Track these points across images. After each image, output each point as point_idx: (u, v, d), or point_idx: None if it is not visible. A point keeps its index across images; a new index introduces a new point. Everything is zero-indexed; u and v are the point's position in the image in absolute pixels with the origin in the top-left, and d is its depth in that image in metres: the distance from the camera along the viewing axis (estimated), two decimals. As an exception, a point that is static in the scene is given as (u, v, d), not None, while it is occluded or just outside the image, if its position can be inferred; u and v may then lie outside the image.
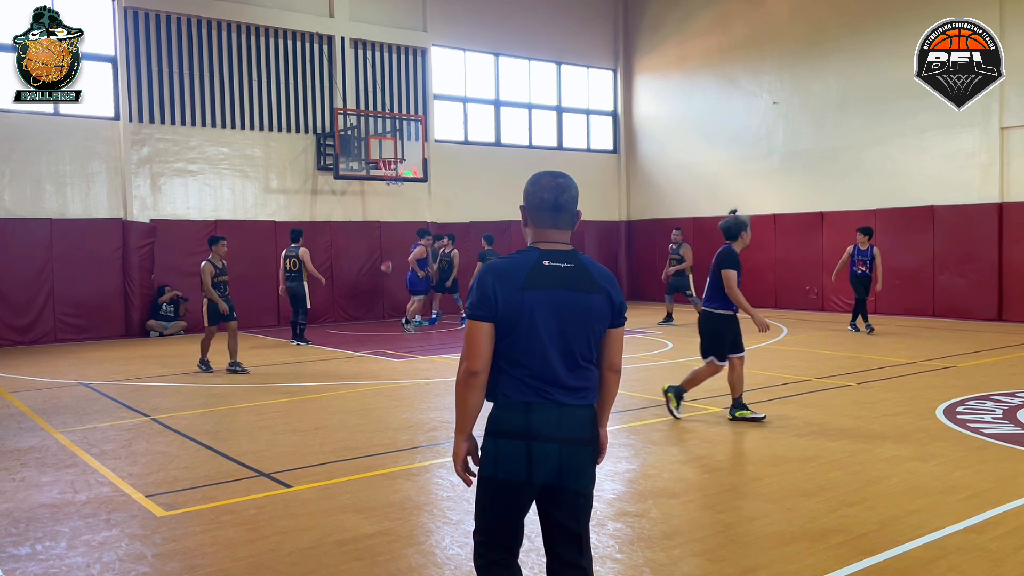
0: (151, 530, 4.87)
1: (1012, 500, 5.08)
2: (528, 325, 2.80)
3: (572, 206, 2.95)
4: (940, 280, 16.77)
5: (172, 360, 12.52)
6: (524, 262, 2.85)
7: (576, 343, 2.84)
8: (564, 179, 2.97)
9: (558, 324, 2.81)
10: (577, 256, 2.90)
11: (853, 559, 4.19)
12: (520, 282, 2.80)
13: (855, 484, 5.52)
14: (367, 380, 10.34)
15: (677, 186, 21.96)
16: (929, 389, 8.92)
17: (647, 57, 22.63)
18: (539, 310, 2.79)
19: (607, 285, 2.89)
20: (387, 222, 19.04)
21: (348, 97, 18.50)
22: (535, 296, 2.79)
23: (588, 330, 2.86)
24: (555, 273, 2.83)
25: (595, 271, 2.90)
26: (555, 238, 2.91)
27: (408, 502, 5.32)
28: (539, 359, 2.82)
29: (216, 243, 11.15)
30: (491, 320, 2.82)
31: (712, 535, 4.59)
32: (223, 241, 11.27)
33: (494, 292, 2.80)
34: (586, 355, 2.88)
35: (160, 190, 16.52)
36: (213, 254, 11.06)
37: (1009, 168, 15.87)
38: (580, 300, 2.83)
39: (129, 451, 6.84)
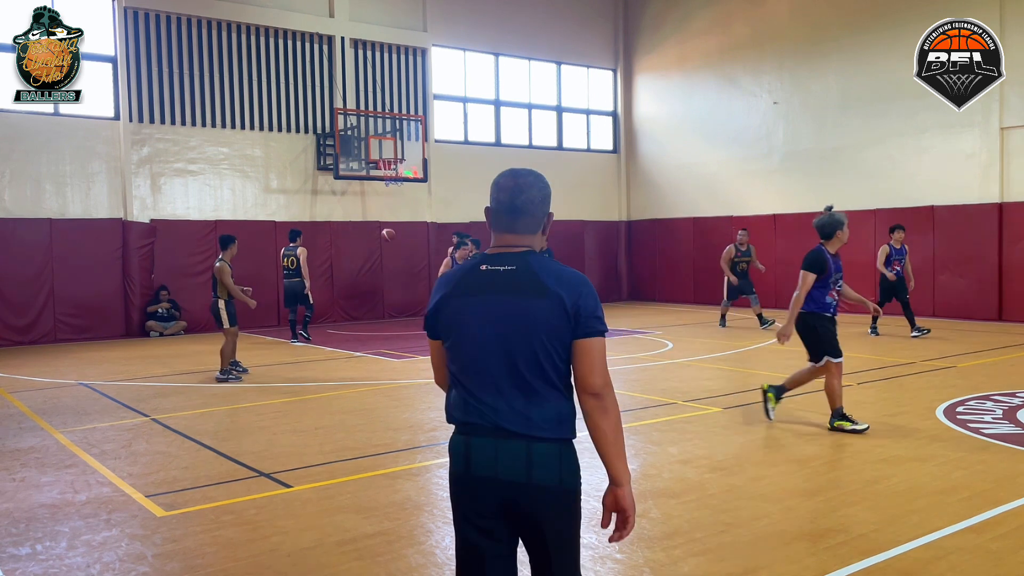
0: (151, 530, 4.87)
1: (1012, 500, 5.08)
2: (460, 335, 2.49)
3: (532, 208, 2.58)
4: (940, 280, 16.77)
5: (172, 360, 12.52)
6: (463, 268, 2.58)
7: (520, 357, 2.42)
8: (525, 178, 2.62)
9: (496, 334, 2.43)
10: (526, 258, 2.50)
11: (853, 559, 4.19)
12: (452, 289, 2.53)
13: (855, 484, 5.52)
14: (367, 380, 10.34)
15: (677, 186, 21.96)
16: (929, 389, 8.92)
17: (647, 57, 22.63)
18: (472, 318, 2.47)
19: (560, 288, 2.42)
20: (387, 222, 19.03)
21: (348, 97, 18.51)
22: (466, 303, 2.49)
23: (532, 340, 2.41)
24: (491, 277, 2.48)
25: (545, 273, 2.46)
26: (511, 242, 2.56)
27: (408, 502, 5.32)
28: (477, 375, 2.46)
29: (231, 243, 11.07)
30: (434, 335, 2.60)
31: (712, 535, 4.59)
32: (236, 241, 11.22)
33: (434, 304, 2.57)
34: (536, 371, 2.43)
35: (160, 190, 16.52)
36: (227, 254, 10.94)
37: (1009, 168, 15.87)
38: (518, 306, 2.42)
39: (129, 451, 6.84)
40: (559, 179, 22.21)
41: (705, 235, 21.14)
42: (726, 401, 8.45)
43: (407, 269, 19.26)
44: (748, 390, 9.06)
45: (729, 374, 10.25)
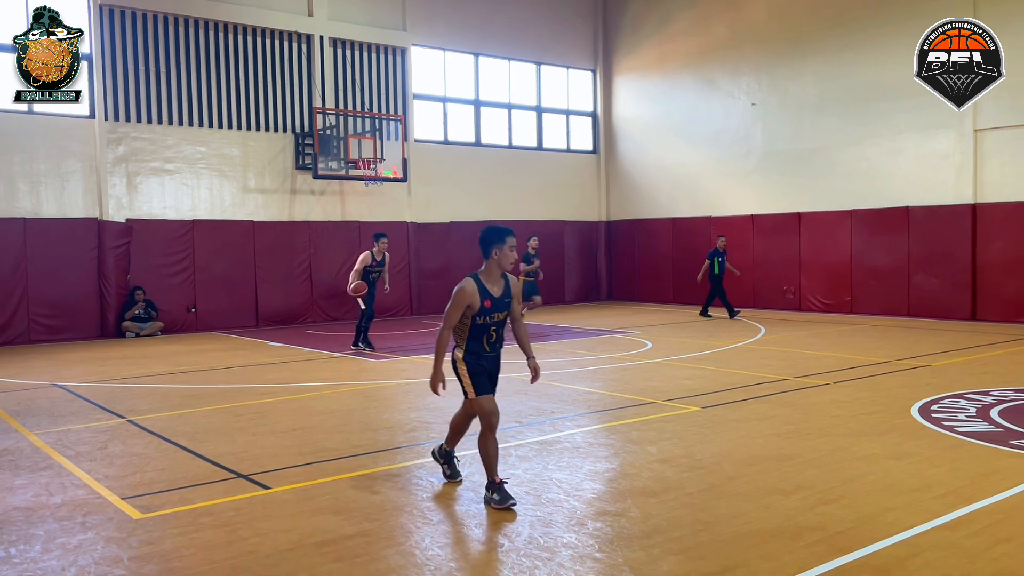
0: (127, 533, 4.82)
1: (985, 498, 5.15)
2: None
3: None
4: (915, 280, 16.97)
5: (149, 361, 12.40)
6: None
7: None
8: None
9: None
10: None
11: (830, 557, 4.23)
12: None
13: (832, 482, 5.57)
14: (346, 380, 10.30)
15: (656, 186, 22.07)
16: (904, 388, 9.02)
17: (627, 58, 22.72)
18: None
19: None
20: (366, 222, 18.97)
21: (327, 96, 18.42)
22: None
23: None
24: None
25: None
26: None
27: (388, 503, 5.31)
28: None
29: (378, 239, 12.81)
30: None
31: (691, 534, 4.62)
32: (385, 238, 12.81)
33: None
34: None
35: (136, 189, 16.36)
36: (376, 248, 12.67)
37: (983, 169, 16.09)
38: None
39: (105, 453, 6.77)
40: (539, 179, 22.35)
41: (684, 235, 21.26)
42: (705, 400, 8.50)
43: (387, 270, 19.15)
44: (727, 389, 9.12)
45: (708, 373, 10.31)
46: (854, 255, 17.93)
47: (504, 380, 10.21)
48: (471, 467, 6.12)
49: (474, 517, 4.98)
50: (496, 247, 5.23)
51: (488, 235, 5.28)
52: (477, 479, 5.79)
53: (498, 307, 5.23)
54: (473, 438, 5.56)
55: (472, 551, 4.43)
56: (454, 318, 5.21)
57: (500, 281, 5.28)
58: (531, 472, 5.93)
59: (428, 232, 19.94)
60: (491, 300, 5.19)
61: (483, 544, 4.53)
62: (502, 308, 5.27)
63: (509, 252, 5.23)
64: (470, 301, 5.15)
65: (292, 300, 18.01)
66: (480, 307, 5.16)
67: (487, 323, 5.22)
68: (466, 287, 5.15)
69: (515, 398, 8.88)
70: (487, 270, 5.25)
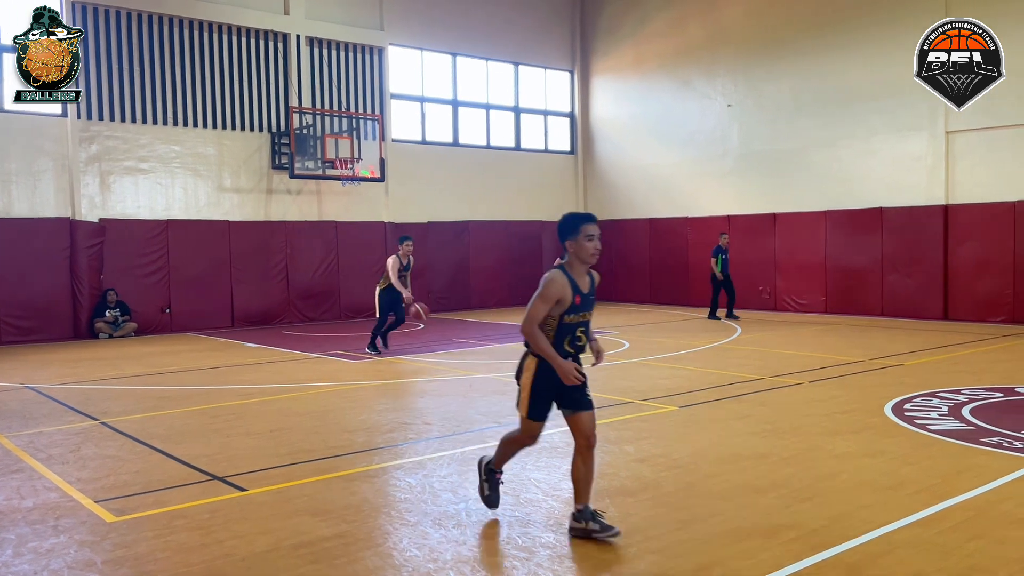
0: (101, 536, 4.76)
1: (958, 495, 5.22)
2: None
3: None
4: (888, 280, 17.17)
5: (122, 362, 12.26)
6: None
7: None
8: None
9: None
10: None
11: (805, 554, 4.27)
12: None
13: (807, 480, 5.62)
14: (324, 382, 10.24)
15: (634, 187, 22.16)
16: (878, 387, 9.12)
17: (604, 59, 22.80)
18: None
19: None
20: (343, 222, 18.89)
21: (304, 95, 18.31)
22: None
23: None
24: None
25: None
26: None
27: (366, 504, 5.29)
28: None
29: (403, 242, 12.45)
30: None
31: (668, 532, 4.64)
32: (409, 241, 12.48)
33: None
34: None
35: (110, 189, 16.17)
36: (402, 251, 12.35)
37: (954, 171, 16.31)
38: None
39: (77, 456, 6.68)
40: (517, 180, 22.37)
41: (661, 236, 21.37)
42: (682, 400, 8.54)
43: (363, 270, 19.11)
44: (703, 389, 9.18)
45: (684, 373, 10.37)
46: (829, 255, 18.11)
47: (479, 380, 10.24)
48: (450, 467, 6.12)
49: (452, 518, 4.97)
50: (570, 238, 4.61)
51: (561, 226, 4.69)
52: (454, 479, 5.79)
53: (586, 305, 4.65)
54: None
55: (450, 552, 4.42)
56: (540, 312, 4.55)
57: (585, 276, 4.68)
58: (510, 472, 5.92)
59: (405, 232, 19.84)
60: (581, 296, 4.60)
61: (461, 544, 4.53)
62: (590, 306, 4.71)
63: (586, 243, 4.58)
64: (561, 295, 4.53)
65: (268, 301, 17.88)
66: (571, 303, 4.56)
67: (575, 323, 4.63)
68: (558, 279, 4.54)
69: (493, 398, 8.88)
70: (570, 263, 4.65)
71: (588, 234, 4.60)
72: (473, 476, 5.87)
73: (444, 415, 8.05)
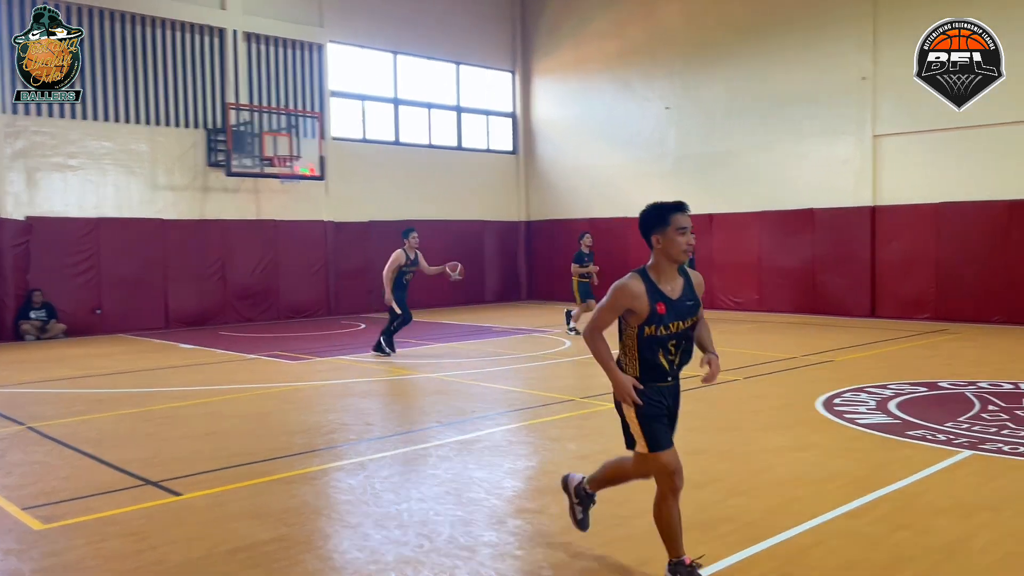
0: (28, 545, 4.61)
1: (885, 486, 5.41)
2: None
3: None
4: (819, 279, 17.67)
5: (50, 365, 11.86)
6: None
7: None
8: None
9: None
10: None
11: (741, 547, 4.38)
12: None
13: (742, 475, 5.76)
14: (261, 383, 10.08)
15: (574, 187, 22.33)
16: (809, 383, 9.39)
17: (545, 59, 22.92)
18: None
19: None
20: (282, 220, 18.60)
21: (241, 92, 17.97)
22: None
23: None
24: None
25: None
26: None
27: (305, 507, 5.23)
28: None
29: (407, 235, 11.92)
30: None
31: (609, 528, 4.71)
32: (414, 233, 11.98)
33: None
34: None
35: (37, 186, 15.61)
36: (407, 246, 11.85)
37: (881, 174, 16.87)
38: None
39: (3, 462, 6.45)
40: (459, 179, 22.33)
41: (602, 236, 21.55)
42: (622, 398, 8.64)
43: (303, 269, 18.86)
44: (643, 387, 9.29)
45: (625, 371, 10.49)
46: (763, 255, 18.55)
47: (421, 380, 10.21)
48: (392, 468, 6.09)
49: (394, 519, 4.95)
50: (657, 232, 3.91)
51: (645, 217, 3.99)
52: (396, 480, 5.76)
53: (678, 313, 3.89)
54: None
55: (392, 553, 4.40)
56: (604, 322, 3.93)
57: (677, 278, 3.96)
58: (451, 472, 5.93)
59: (346, 231, 19.67)
60: (666, 304, 3.85)
61: (403, 545, 4.52)
62: (684, 314, 3.93)
63: (677, 237, 3.87)
64: (631, 304, 3.83)
65: (204, 301, 17.50)
66: (651, 313, 3.82)
67: (661, 336, 3.88)
68: (629, 285, 3.84)
69: (435, 398, 8.86)
70: (655, 264, 3.93)
71: (680, 226, 3.91)
72: (415, 477, 5.86)
73: (386, 416, 8.01)
